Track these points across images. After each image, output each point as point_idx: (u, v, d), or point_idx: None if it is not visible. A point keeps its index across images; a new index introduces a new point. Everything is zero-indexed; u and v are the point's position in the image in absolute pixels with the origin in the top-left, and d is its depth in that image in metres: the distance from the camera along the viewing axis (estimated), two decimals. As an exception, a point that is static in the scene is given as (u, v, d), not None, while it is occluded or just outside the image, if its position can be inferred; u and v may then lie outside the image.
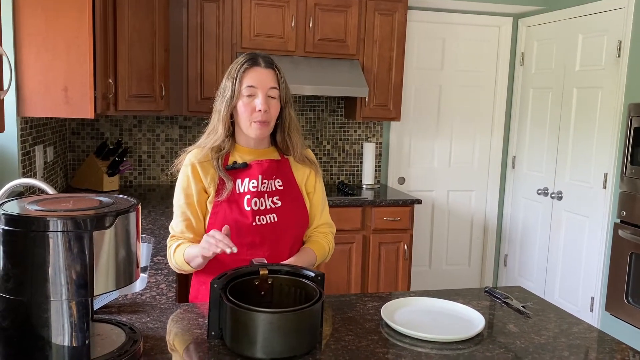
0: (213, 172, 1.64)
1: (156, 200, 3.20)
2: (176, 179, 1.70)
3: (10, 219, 1.02)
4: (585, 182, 3.56)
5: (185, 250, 1.58)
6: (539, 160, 4.00)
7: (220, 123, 1.64)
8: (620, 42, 3.26)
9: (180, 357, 1.21)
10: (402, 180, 4.17)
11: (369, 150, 3.93)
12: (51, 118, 2.98)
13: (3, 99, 1.31)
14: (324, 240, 1.77)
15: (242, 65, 1.62)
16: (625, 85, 3.23)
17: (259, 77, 1.61)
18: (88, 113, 2.34)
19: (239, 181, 1.65)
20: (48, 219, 1.02)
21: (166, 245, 1.70)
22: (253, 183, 1.65)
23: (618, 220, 3.27)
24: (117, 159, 3.28)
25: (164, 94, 3.16)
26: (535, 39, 4.04)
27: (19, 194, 2.33)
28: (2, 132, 1.31)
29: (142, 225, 2.49)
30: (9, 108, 2.27)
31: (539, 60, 4.01)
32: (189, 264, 1.59)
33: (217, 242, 1.43)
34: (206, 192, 1.65)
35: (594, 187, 3.48)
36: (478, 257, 4.47)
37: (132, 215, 1.12)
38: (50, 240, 1.01)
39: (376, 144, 4.07)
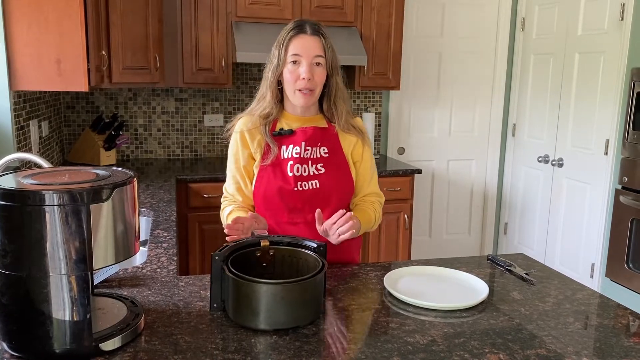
0: (260, 138, 1.69)
1: (154, 174, 3.18)
2: (227, 144, 1.78)
3: (4, 194, 1.00)
4: (586, 149, 3.53)
5: (233, 216, 1.64)
6: (539, 127, 3.96)
7: (268, 90, 1.68)
8: (624, 4, 3.19)
9: (183, 329, 1.20)
10: (401, 151, 4.14)
11: (368, 121, 3.88)
12: (45, 92, 2.93)
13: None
14: (370, 208, 1.76)
15: (289, 32, 1.63)
16: (628, 49, 3.17)
17: (305, 45, 1.61)
18: (82, 86, 2.29)
19: (283, 147, 1.68)
20: (44, 192, 0.99)
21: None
22: (296, 149, 1.67)
23: (619, 187, 3.25)
24: (113, 132, 3.24)
25: (158, 65, 3.10)
26: (536, 3, 3.96)
27: (14, 169, 2.30)
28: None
29: (140, 199, 2.47)
30: (1, 81, 2.23)
31: (540, 26, 3.93)
32: None
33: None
34: (253, 157, 1.71)
35: (596, 154, 3.45)
36: (478, 226, 4.48)
37: (129, 187, 1.09)
38: (47, 215, 0.99)
39: (375, 114, 4.02)
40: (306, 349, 1.12)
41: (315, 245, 1.36)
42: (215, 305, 1.27)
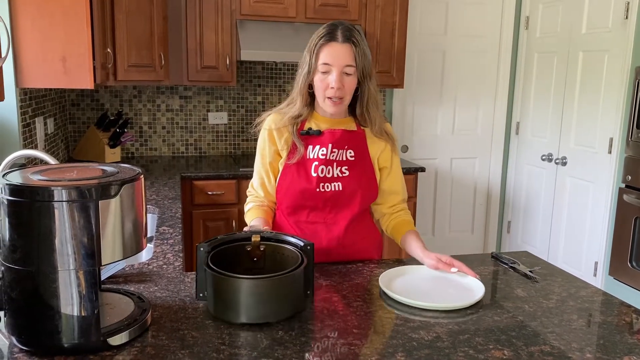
0: (287, 136, 1.69)
1: (159, 171, 3.19)
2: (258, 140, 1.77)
3: (14, 190, 1.01)
4: (590, 147, 3.53)
5: (250, 223, 1.67)
6: (543, 126, 3.96)
7: (298, 96, 1.67)
8: (628, 3, 3.18)
9: (190, 325, 1.21)
10: (405, 149, 4.14)
11: (371, 118, 3.88)
12: (50, 89, 2.94)
13: (2, 67, 1.28)
14: (408, 218, 1.83)
15: (320, 39, 1.60)
16: (632, 48, 3.17)
17: (335, 54, 1.58)
18: (87, 83, 2.30)
19: (310, 147, 1.68)
20: (53, 188, 1.00)
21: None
22: (322, 151, 1.67)
23: (623, 185, 3.25)
24: (118, 130, 3.25)
25: (163, 63, 3.11)
26: (540, 1, 3.95)
27: (20, 166, 2.31)
28: (2, 100, 1.29)
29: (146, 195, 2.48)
30: (7, 79, 2.24)
31: (544, 24, 3.93)
32: None
33: None
34: (280, 154, 1.71)
35: (599, 152, 3.45)
36: (481, 224, 4.48)
37: (137, 184, 1.11)
38: (56, 211, 1.00)
39: (379, 111, 4.02)
40: (312, 344, 1.13)
41: (302, 244, 1.36)
42: (201, 295, 1.28)
